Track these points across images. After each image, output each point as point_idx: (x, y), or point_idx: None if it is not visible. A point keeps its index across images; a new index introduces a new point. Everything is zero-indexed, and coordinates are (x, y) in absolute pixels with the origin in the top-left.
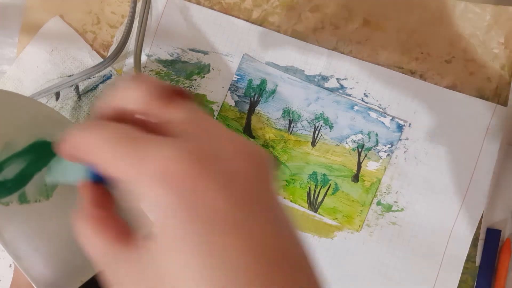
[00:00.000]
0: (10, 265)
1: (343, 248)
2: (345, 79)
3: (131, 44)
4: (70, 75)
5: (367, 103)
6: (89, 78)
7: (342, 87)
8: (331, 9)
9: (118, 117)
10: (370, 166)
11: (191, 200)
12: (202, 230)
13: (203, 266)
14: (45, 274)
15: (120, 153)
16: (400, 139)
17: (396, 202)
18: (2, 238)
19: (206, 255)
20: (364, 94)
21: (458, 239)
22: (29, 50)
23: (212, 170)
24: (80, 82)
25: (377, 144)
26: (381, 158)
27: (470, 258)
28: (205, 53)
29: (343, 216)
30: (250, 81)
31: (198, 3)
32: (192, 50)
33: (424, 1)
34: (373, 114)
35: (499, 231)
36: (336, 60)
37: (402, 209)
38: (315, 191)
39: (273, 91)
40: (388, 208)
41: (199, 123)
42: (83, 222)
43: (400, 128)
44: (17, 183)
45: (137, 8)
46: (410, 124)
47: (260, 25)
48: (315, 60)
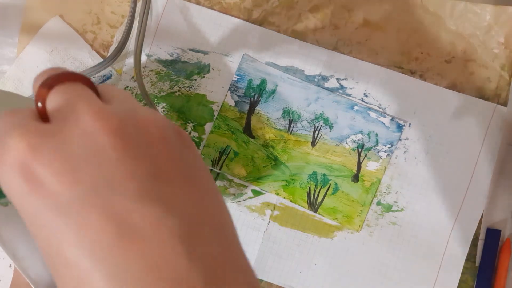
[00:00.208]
0: (10, 265)
1: (343, 248)
2: (345, 79)
3: (131, 44)
4: None
5: (367, 103)
6: None
7: (342, 87)
8: (331, 9)
9: None
10: (370, 166)
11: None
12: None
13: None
14: (44, 275)
15: None
16: (400, 139)
17: (396, 202)
18: (1, 239)
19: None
20: (364, 94)
21: (458, 239)
22: (29, 50)
23: (47, 148)
24: None
25: (377, 144)
26: (381, 158)
27: (470, 258)
28: (205, 53)
29: (343, 216)
30: (250, 81)
31: (198, 3)
32: (192, 50)
33: (424, 1)
34: (373, 114)
35: (499, 231)
36: (336, 60)
37: (402, 209)
38: (315, 191)
39: (273, 91)
40: (388, 208)
41: (67, 109)
42: None
43: (400, 128)
44: None
45: (137, 8)
46: (410, 124)
47: (260, 25)
48: (315, 60)
